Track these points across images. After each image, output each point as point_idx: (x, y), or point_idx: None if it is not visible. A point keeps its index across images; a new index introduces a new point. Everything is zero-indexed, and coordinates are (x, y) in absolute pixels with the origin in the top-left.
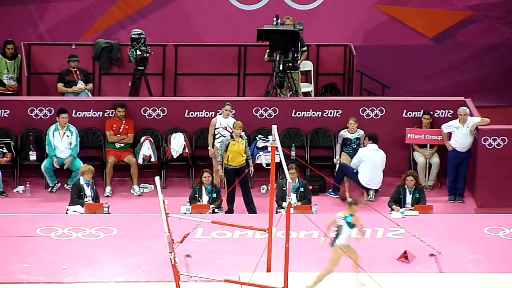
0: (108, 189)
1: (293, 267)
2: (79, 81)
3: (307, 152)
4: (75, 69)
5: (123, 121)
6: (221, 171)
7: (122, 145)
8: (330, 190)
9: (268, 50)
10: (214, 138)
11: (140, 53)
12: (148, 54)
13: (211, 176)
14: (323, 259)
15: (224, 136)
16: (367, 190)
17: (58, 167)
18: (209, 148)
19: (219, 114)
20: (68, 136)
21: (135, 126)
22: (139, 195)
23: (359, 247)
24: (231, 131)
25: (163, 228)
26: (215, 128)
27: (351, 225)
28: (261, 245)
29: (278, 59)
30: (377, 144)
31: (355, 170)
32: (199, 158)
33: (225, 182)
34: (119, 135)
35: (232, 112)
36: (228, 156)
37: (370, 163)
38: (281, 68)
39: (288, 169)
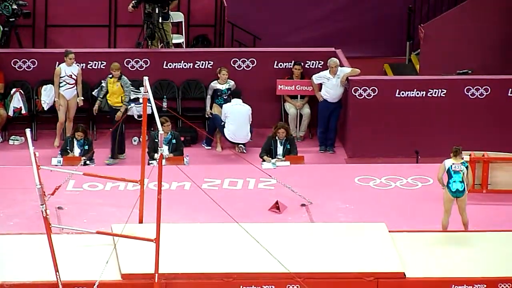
0: None
1: (165, 219)
2: None
3: (179, 103)
4: None
5: None
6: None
7: None
8: (204, 141)
9: (134, 1)
10: (60, 88)
11: (16, 7)
12: (23, 7)
13: (85, 133)
14: (195, 209)
15: (70, 84)
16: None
17: None
18: (55, 99)
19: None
20: None
21: (6, 78)
22: None
23: (230, 198)
24: (75, 78)
25: (34, 181)
26: (60, 77)
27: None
28: (133, 196)
29: (157, 12)
30: (241, 99)
31: (222, 123)
32: None
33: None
34: None
35: (73, 60)
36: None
37: (234, 118)
38: (160, 20)
39: (162, 123)
